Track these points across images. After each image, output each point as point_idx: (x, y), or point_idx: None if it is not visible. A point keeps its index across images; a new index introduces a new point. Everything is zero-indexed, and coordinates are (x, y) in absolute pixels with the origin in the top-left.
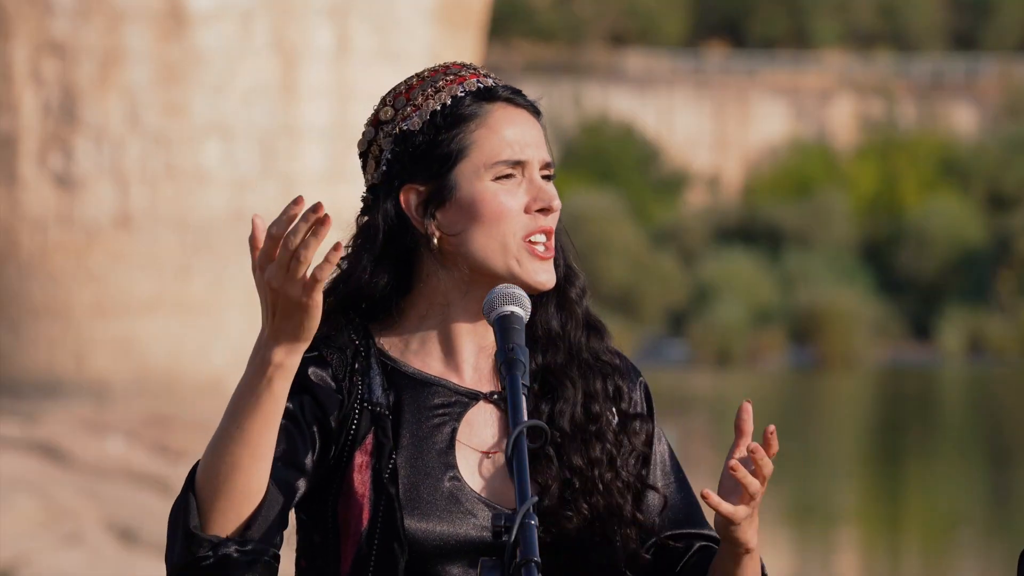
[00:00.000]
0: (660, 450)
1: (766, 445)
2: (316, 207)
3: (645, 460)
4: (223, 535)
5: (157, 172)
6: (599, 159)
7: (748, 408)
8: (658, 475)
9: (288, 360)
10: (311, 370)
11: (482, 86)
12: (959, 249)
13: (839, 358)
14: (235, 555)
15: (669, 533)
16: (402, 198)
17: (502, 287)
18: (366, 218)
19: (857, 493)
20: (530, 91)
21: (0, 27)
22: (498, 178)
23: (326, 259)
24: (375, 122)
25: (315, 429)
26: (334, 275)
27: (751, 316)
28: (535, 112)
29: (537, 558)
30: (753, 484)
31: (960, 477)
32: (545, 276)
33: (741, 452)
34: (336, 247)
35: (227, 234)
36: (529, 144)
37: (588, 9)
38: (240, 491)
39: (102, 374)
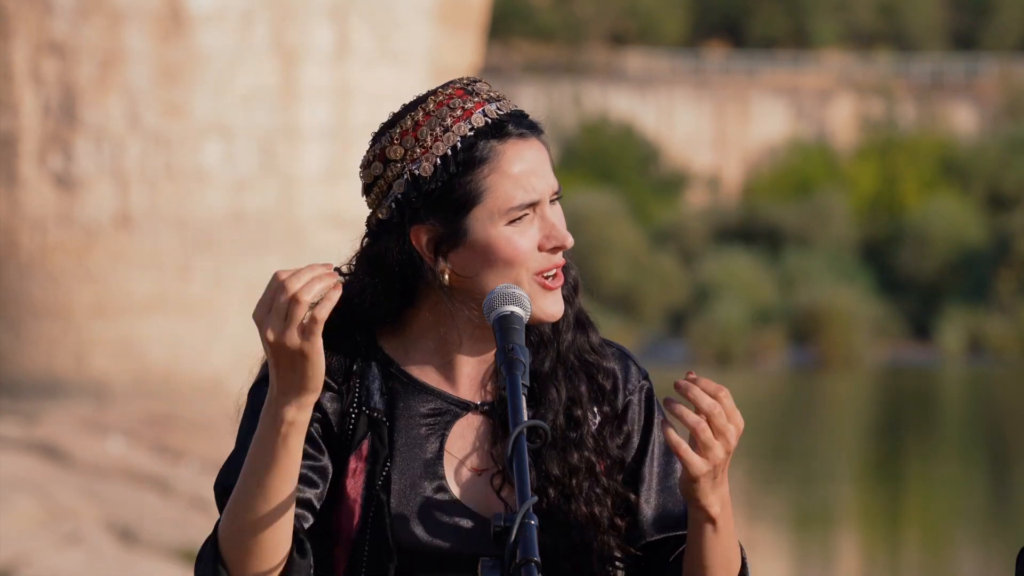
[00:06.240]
0: (656, 453)
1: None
2: (332, 271)
3: (639, 459)
4: None
5: (157, 172)
6: (599, 159)
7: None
8: (654, 477)
9: (300, 416)
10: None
11: (490, 120)
12: (959, 249)
13: (839, 358)
14: None
15: (659, 537)
16: (412, 236)
17: (502, 287)
18: (372, 245)
19: (857, 493)
20: (530, 91)
21: (0, 27)
22: (512, 221)
23: (326, 298)
24: (383, 157)
25: (323, 444)
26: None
27: (751, 316)
28: (538, 132)
29: (537, 558)
30: (706, 400)
31: (960, 477)
32: (555, 308)
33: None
34: (336, 286)
35: (227, 234)
36: (538, 175)
37: (588, 9)
38: (266, 547)
39: (102, 374)
